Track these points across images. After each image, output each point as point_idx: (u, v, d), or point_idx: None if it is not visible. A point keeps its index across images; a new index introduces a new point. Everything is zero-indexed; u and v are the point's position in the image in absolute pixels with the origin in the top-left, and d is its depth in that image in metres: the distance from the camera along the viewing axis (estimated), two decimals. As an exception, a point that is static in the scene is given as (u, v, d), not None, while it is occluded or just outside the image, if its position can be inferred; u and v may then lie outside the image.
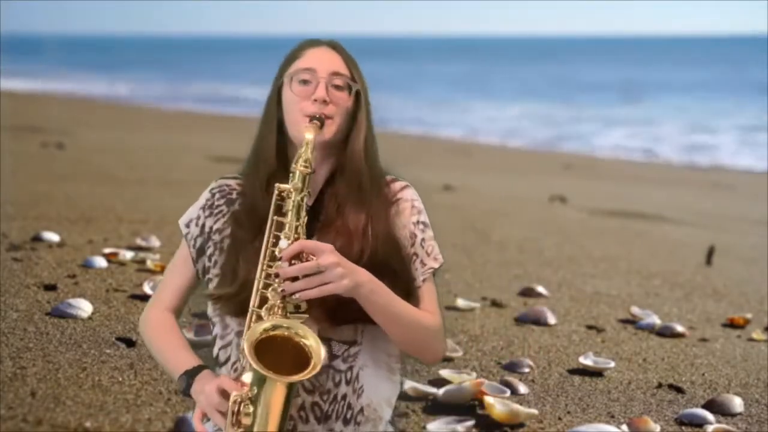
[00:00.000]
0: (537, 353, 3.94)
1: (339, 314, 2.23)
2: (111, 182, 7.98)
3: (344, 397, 2.25)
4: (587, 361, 3.75)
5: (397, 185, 2.40)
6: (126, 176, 8.51)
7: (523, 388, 3.44)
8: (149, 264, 4.55)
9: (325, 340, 2.22)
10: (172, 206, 6.69)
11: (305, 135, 2.22)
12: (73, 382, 2.97)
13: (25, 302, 3.81)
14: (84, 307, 3.74)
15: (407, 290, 2.30)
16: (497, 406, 3.07)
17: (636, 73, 50.41)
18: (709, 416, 3.28)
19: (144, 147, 11.65)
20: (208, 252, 2.36)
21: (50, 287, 4.06)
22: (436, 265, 2.38)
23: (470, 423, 3.03)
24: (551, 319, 4.42)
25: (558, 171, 13.45)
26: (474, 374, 3.50)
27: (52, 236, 5.07)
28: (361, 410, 2.27)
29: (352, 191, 2.30)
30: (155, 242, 5.12)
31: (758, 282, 5.89)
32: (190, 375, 2.25)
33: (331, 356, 2.24)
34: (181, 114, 21.48)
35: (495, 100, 31.16)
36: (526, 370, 3.69)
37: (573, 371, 3.74)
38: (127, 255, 4.71)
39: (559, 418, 3.21)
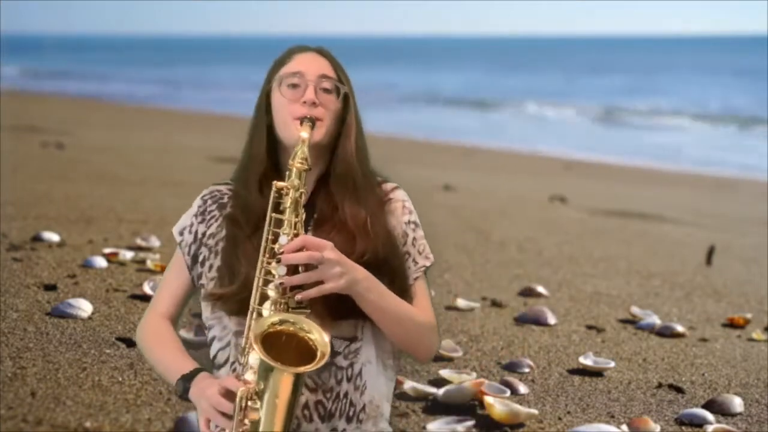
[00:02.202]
0: (537, 353, 3.94)
1: (339, 310, 2.24)
2: (111, 182, 7.98)
3: (346, 394, 2.26)
4: (587, 361, 3.75)
5: (388, 186, 2.44)
6: (126, 176, 8.51)
7: (523, 388, 3.44)
8: (149, 264, 4.55)
9: None
10: (172, 206, 6.69)
11: (300, 134, 2.25)
12: (73, 382, 2.97)
13: (25, 302, 3.81)
14: (84, 307, 3.74)
15: (402, 288, 2.33)
16: (497, 406, 3.07)
17: (639, 72, 50.40)
18: (709, 416, 3.28)
19: (144, 147, 11.65)
20: (201, 258, 2.38)
21: (50, 287, 4.06)
22: (428, 263, 2.41)
23: (470, 423, 3.02)
24: (551, 319, 4.42)
25: (558, 171, 13.45)
26: (474, 374, 3.50)
27: (52, 236, 5.07)
28: (363, 408, 2.27)
29: (347, 190, 2.33)
30: (155, 242, 5.12)
31: (758, 282, 5.89)
32: (187, 379, 2.24)
33: (333, 353, 2.24)
34: (181, 114, 21.47)
35: (499, 99, 31.14)
36: (526, 370, 3.69)
37: (573, 371, 3.74)
38: (127, 255, 4.71)
39: (559, 418, 3.21)
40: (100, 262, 4.55)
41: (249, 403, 2.05)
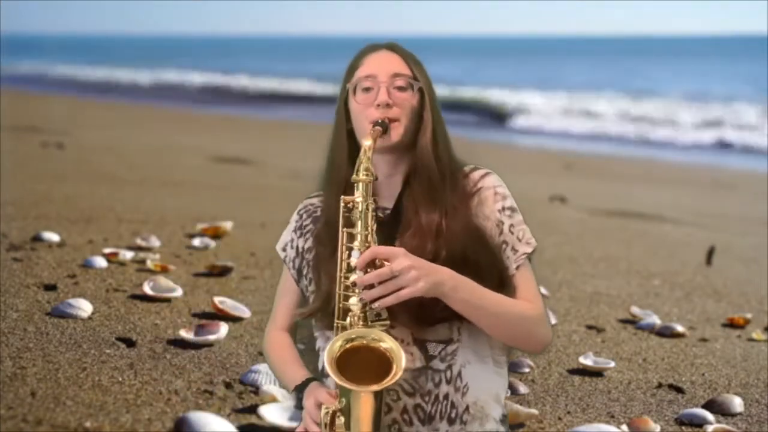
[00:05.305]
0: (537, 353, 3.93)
1: (424, 316, 2.22)
2: (111, 182, 7.98)
3: (446, 396, 2.24)
4: (587, 361, 3.75)
5: (477, 174, 2.39)
6: (126, 176, 8.51)
7: (523, 388, 3.44)
8: (149, 264, 4.55)
9: (420, 342, 2.23)
10: (172, 206, 6.69)
11: (363, 142, 2.23)
12: (73, 382, 2.97)
13: (25, 302, 3.81)
14: (84, 307, 3.74)
15: (499, 281, 2.28)
16: (497, 406, 3.07)
17: (637, 70, 50.39)
18: (709, 416, 3.28)
19: (144, 147, 11.65)
20: (305, 271, 2.42)
21: (50, 287, 4.06)
22: (529, 250, 2.35)
23: (470, 423, 3.02)
24: (551, 319, 4.42)
25: (558, 171, 13.44)
26: (474, 374, 3.50)
27: (52, 236, 5.07)
28: (467, 409, 2.25)
29: (423, 190, 2.31)
30: (155, 242, 5.11)
31: (758, 282, 5.89)
32: (300, 389, 2.30)
33: (428, 357, 2.23)
34: (181, 114, 21.48)
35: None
36: (526, 370, 3.69)
37: (573, 371, 3.74)
38: (127, 255, 4.71)
39: (559, 418, 3.21)
40: (100, 262, 4.55)
41: (336, 419, 2.10)
